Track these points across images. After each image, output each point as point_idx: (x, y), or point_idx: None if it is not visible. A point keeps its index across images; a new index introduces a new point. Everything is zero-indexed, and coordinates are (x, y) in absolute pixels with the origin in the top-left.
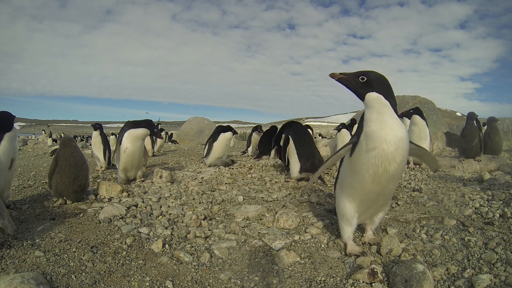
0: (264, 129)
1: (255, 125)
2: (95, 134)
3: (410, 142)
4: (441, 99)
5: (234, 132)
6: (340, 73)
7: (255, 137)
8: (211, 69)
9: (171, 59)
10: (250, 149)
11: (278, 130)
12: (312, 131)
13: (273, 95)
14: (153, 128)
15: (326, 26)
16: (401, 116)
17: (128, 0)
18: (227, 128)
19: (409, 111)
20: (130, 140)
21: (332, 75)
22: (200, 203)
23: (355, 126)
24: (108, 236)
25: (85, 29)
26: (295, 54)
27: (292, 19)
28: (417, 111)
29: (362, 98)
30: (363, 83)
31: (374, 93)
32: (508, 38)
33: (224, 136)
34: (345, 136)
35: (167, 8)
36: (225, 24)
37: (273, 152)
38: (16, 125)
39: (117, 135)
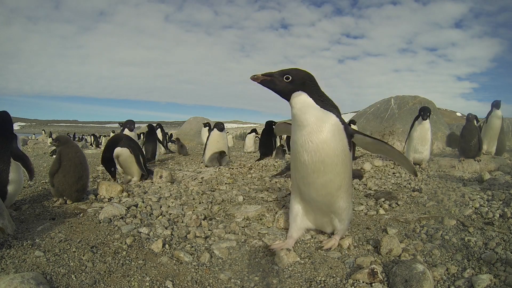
0: (262, 128)
1: (253, 128)
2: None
3: (370, 136)
4: (439, 99)
5: (219, 129)
6: (262, 74)
7: (250, 137)
8: (207, 69)
9: (166, 59)
10: (247, 146)
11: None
12: None
13: (271, 95)
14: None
15: (320, 25)
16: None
17: (119, 1)
18: (215, 125)
19: (426, 113)
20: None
21: (254, 78)
22: (200, 203)
23: (352, 126)
24: (108, 236)
25: (80, 30)
26: (290, 53)
27: (284, 19)
28: (425, 113)
29: (288, 98)
30: (288, 83)
31: (299, 92)
32: (504, 37)
33: (214, 133)
34: None
35: (158, 9)
36: (218, 24)
37: (274, 152)
38: (16, 125)
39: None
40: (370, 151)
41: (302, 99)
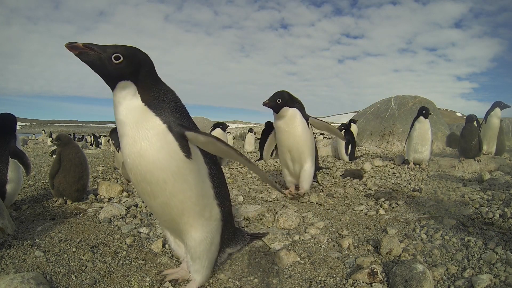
0: (261, 128)
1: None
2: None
3: (204, 134)
4: (439, 99)
5: (223, 129)
6: (83, 44)
7: (249, 137)
8: (207, 69)
9: (166, 59)
10: (247, 146)
11: None
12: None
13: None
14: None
15: (319, 25)
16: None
17: (119, 1)
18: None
19: (424, 111)
20: None
21: (71, 46)
22: None
23: (353, 125)
24: (108, 236)
25: (80, 30)
26: (290, 54)
27: (284, 19)
28: (426, 112)
29: (112, 87)
30: (116, 66)
31: (127, 81)
32: (504, 37)
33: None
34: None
35: (158, 9)
36: (218, 24)
37: (274, 152)
38: (17, 125)
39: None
40: (209, 151)
41: (127, 93)
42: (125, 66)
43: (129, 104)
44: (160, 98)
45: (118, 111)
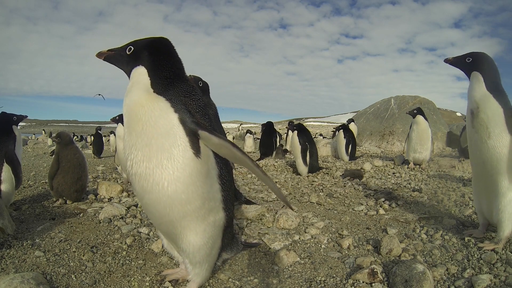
0: (260, 128)
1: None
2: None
3: (217, 136)
4: (438, 99)
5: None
6: (108, 50)
7: (249, 138)
8: (206, 69)
9: None
10: (247, 147)
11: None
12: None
13: (270, 95)
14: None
15: (319, 25)
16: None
17: (118, 1)
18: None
19: (413, 111)
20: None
21: (99, 54)
22: None
23: (352, 124)
24: (108, 236)
25: (79, 30)
26: (289, 53)
27: (283, 19)
28: (420, 111)
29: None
30: (129, 56)
31: (139, 66)
32: (504, 37)
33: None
34: (339, 136)
35: (157, 9)
36: (217, 24)
37: (274, 152)
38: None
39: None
40: (222, 155)
41: (136, 76)
42: (135, 54)
43: (136, 86)
44: (177, 83)
45: (127, 89)
